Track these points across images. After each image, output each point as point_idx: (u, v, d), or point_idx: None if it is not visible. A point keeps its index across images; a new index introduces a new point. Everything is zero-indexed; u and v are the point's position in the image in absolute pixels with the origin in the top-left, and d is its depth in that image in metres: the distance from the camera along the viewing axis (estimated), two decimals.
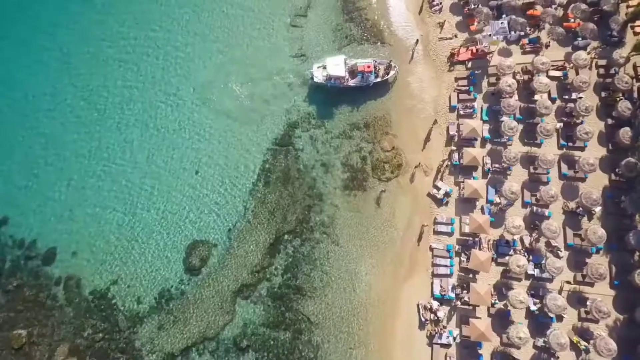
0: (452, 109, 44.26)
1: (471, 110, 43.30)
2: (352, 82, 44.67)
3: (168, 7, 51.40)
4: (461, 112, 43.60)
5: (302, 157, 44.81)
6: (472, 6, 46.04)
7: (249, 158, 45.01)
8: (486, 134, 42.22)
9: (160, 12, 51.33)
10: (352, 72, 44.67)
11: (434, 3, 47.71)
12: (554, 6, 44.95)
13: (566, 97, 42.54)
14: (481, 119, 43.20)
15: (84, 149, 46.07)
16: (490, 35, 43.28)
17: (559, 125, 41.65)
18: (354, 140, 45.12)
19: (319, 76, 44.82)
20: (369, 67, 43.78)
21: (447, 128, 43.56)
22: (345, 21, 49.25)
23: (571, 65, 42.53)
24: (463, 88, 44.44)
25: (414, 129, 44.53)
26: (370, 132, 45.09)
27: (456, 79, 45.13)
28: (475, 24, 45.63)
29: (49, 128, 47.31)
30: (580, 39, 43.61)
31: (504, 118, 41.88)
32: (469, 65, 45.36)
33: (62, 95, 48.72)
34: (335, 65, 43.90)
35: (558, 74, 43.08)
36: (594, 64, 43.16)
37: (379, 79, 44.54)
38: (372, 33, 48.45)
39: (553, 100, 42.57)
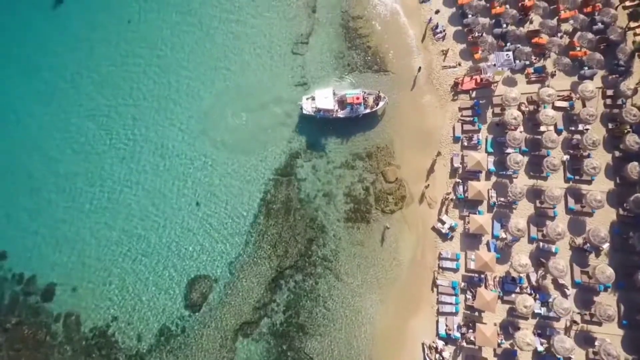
0: (456, 139, 43.62)
1: (475, 141, 42.64)
2: (341, 114, 44.17)
3: (164, 35, 50.66)
4: (465, 144, 42.95)
5: (304, 187, 44.24)
6: (476, 34, 45.44)
7: (249, 188, 44.46)
8: (491, 167, 41.56)
9: (158, 39, 50.67)
10: (342, 103, 44.12)
11: (437, 30, 47.07)
12: (559, 34, 44.31)
13: (572, 128, 41.85)
14: (486, 150, 42.55)
15: (83, 185, 45.47)
16: (494, 65, 42.56)
17: (566, 157, 40.94)
18: (356, 171, 44.54)
19: (308, 108, 44.35)
20: (357, 98, 43.28)
21: (451, 159, 42.90)
22: (347, 48, 48.64)
23: (577, 96, 41.85)
24: (467, 118, 43.78)
25: (417, 159, 43.90)
26: (373, 162, 44.51)
27: (460, 109, 44.48)
28: (480, 52, 45.00)
29: (49, 163, 46.80)
30: (586, 68, 42.94)
31: (509, 150, 41.26)
32: (473, 94, 44.72)
33: (57, 124, 48.22)
34: (324, 98, 43.50)
35: (564, 104, 42.45)
36: (600, 94, 42.50)
37: (368, 110, 43.99)
38: (374, 61, 47.83)
39: (559, 132, 41.92)
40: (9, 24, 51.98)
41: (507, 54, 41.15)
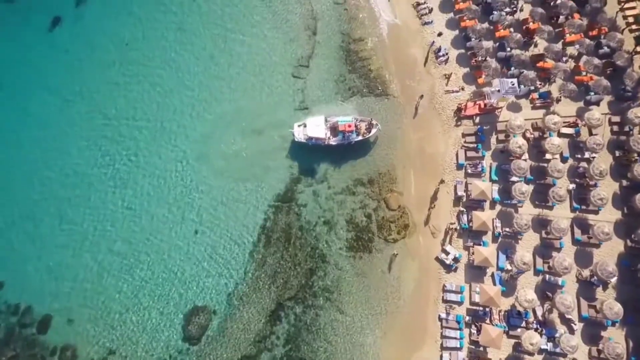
0: (459, 166, 42.77)
1: (479, 169, 41.80)
2: (333, 141, 43.47)
3: (165, 57, 50.14)
4: (469, 171, 42.12)
5: (305, 214, 43.44)
6: (480, 58, 44.66)
7: (249, 216, 43.67)
8: (495, 195, 40.68)
9: (157, 60, 50.12)
10: (334, 129, 43.36)
11: (440, 54, 46.31)
12: (564, 58, 43.50)
13: (579, 156, 41.01)
14: (490, 178, 41.71)
15: (80, 212, 44.78)
16: (499, 91, 41.74)
17: (572, 186, 40.11)
18: (358, 197, 43.74)
19: (299, 135, 43.58)
20: (350, 126, 42.60)
21: (455, 187, 42.06)
22: (348, 72, 47.95)
23: (583, 122, 41.01)
24: (471, 145, 42.97)
25: (420, 186, 43.09)
26: (375, 188, 43.71)
27: (463, 135, 43.67)
28: (483, 76, 44.22)
29: (46, 191, 46.14)
30: (592, 93, 42.13)
31: (514, 178, 40.41)
32: (477, 120, 43.91)
33: (53, 150, 47.66)
34: (315, 126, 42.88)
35: (570, 131, 41.62)
36: (606, 120, 41.68)
37: (360, 138, 43.23)
38: (375, 84, 47.10)
39: (565, 160, 41.07)
40: (5, 47, 51.41)
41: (511, 82, 40.33)
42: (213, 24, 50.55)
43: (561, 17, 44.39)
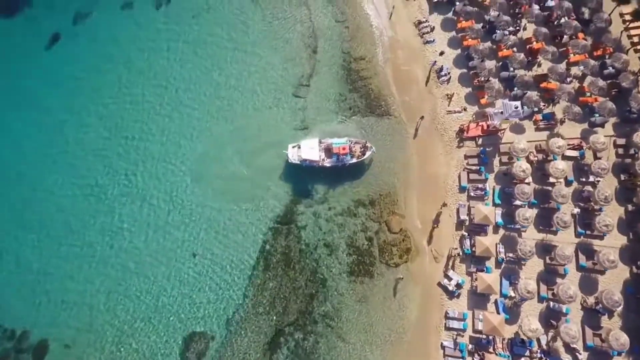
0: (462, 189, 42.14)
1: (482, 192, 41.16)
2: (327, 163, 43.01)
3: (167, 76, 49.68)
4: (472, 194, 41.47)
5: (305, 237, 42.81)
6: (482, 78, 44.04)
7: (248, 239, 43.06)
8: (499, 220, 40.04)
9: (158, 80, 49.59)
10: (329, 150, 42.92)
11: (442, 73, 45.70)
12: (569, 79, 42.85)
13: (583, 179, 40.36)
14: (493, 202, 41.06)
15: (77, 237, 44.22)
16: (501, 113, 41.11)
17: (576, 210, 39.44)
18: (359, 219, 43.11)
19: (293, 156, 43.17)
20: (344, 149, 42.21)
21: (457, 210, 41.40)
22: (349, 91, 47.35)
23: (588, 145, 40.40)
24: (473, 167, 42.32)
25: (422, 209, 42.47)
26: (376, 210, 43.09)
27: (466, 157, 43.03)
28: (486, 97, 43.56)
29: (42, 218, 45.60)
30: (597, 115, 41.49)
31: (518, 202, 39.76)
32: (479, 142, 43.30)
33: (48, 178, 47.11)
34: (309, 149, 42.53)
35: (574, 153, 40.97)
36: (611, 143, 41.04)
37: (354, 160, 42.76)
38: (377, 104, 46.48)
39: (569, 183, 40.42)
40: (3, 64, 51.01)
41: (515, 105, 39.68)
42: (214, 44, 50.02)
43: (565, 36, 43.77)
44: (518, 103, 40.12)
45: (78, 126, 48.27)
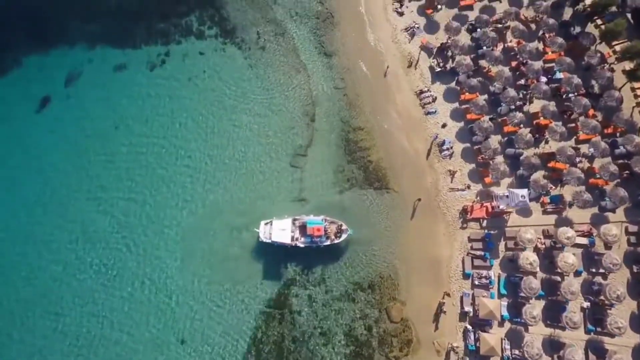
0: (466, 275, 40.09)
1: (487, 280, 39.13)
2: (301, 243, 40.88)
3: (154, 147, 47.60)
4: (476, 282, 39.45)
5: (299, 323, 40.71)
6: (486, 156, 42.02)
7: (239, 324, 40.78)
8: (505, 313, 37.92)
9: (149, 148, 47.75)
10: (303, 228, 40.86)
11: (444, 147, 43.78)
12: (578, 158, 40.84)
13: (593, 270, 38.27)
14: (498, 291, 39.00)
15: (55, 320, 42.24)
16: (507, 196, 39.05)
17: (586, 304, 37.34)
18: (357, 304, 41.07)
19: (265, 234, 40.93)
20: (318, 230, 40.12)
21: (461, 299, 39.35)
22: (347, 162, 45.46)
23: (597, 233, 38.38)
24: (477, 252, 40.28)
25: (424, 296, 40.40)
26: (376, 295, 41.09)
27: (470, 240, 41.00)
28: (491, 176, 41.55)
29: (32, 277, 43.56)
30: (608, 199, 39.47)
31: (523, 293, 37.64)
32: (484, 223, 41.29)
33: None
34: (280, 230, 40.54)
35: (584, 241, 38.90)
36: (623, 229, 39.02)
37: (329, 242, 40.72)
38: (375, 177, 44.54)
39: (578, 273, 38.32)
40: None
41: (522, 195, 37.61)
42: (209, 109, 48.03)
43: (574, 113, 41.86)
44: (525, 192, 38.04)
45: (61, 201, 46.17)
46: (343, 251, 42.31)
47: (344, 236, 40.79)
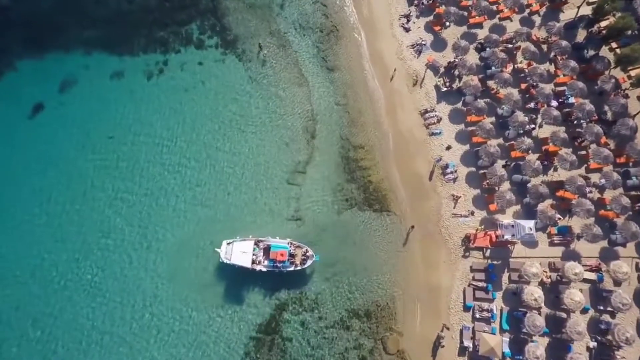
0: (466, 308, 38.25)
1: (489, 314, 37.29)
2: (262, 267, 39.11)
3: (149, 159, 45.95)
4: (477, 315, 37.59)
5: (290, 351, 38.93)
6: (492, 181, 40.20)
7: (227, 351, 39.01)
8: (506, 350, 36.02)
9: (144, 160, 46.20)
10: (267, 251, 39.23)
11: (448, 171, 42.05)
12: (588, 188, 38.99)
13: (601, 307, 36.34)
14: (500, 326, 37.12)
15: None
16: (512, 226, 37.32)
17: (593, 344, 35.40)
18: (352, 333, 39.33)
19: (226, 255, 39.03)
20: (282, 254, 38.35)
21: (461, 332, 37.50)
22: (346, 181, 43.86)
23: (606, 269, 36.50)
24: (480, 284, 38.44)
25: (423, 327, 38.67)
26: (372, 324, 39.37)
27: (472, 270, 39.19)
28: (496, 203, 39.74)
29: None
30: (618, 233, 37.58)
31: (526, 330, 35.71)
32: (487, 253, 39.47)
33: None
34: (241, 253, 38.82)
35: (592, 276, 37.00)
36: (633, 265, 37.12)
37: (292, 268, 39.02)
38: (375, 198, 42.94)
39: (585, 310, 36.41)
40: None
41: (529, 227, 35.87)
42: (205, 121, 46.46)
43: (586, 141, 40.05)
44: (532, 224, 36.23)
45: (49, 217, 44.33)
46: (337, 276, 40.60)
47: (309, 262, 39.07)
